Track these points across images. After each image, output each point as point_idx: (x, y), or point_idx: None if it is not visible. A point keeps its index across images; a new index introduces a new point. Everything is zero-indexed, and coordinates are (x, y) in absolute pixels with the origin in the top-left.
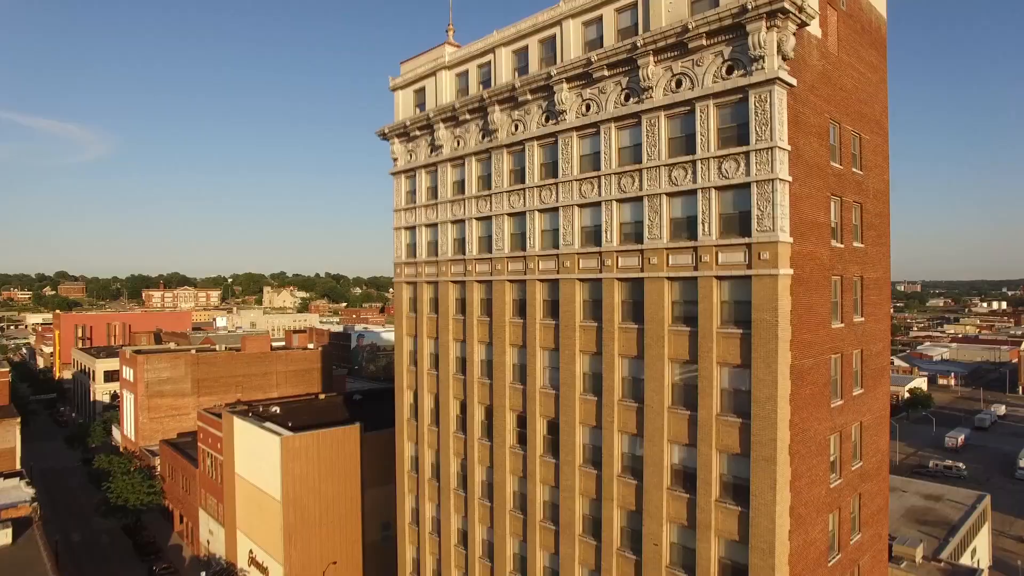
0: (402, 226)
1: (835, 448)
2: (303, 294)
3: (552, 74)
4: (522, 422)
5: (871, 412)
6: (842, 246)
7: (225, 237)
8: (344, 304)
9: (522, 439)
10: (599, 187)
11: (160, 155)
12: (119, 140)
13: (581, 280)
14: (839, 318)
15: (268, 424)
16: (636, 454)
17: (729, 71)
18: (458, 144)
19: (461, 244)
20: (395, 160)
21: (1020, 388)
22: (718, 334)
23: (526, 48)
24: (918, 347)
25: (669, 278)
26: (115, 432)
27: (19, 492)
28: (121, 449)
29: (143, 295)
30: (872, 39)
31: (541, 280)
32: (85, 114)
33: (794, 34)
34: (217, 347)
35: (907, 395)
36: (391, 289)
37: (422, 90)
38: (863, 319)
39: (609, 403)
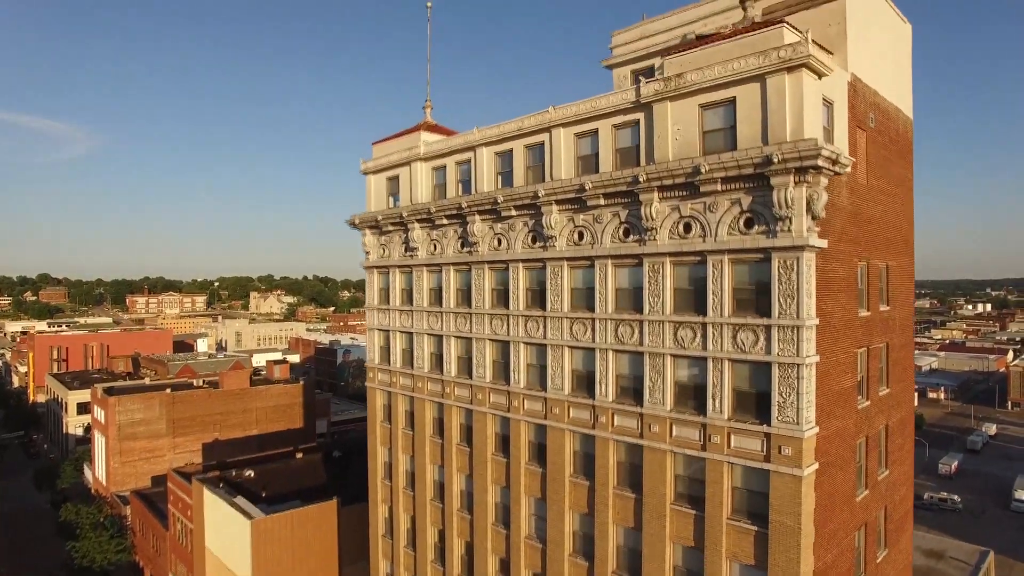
0: (375, 327)
1: None
2: (290, 299)
3: (540, 194)
4: (505, 567)
5: (895, 568)
6: (868, 403)
7: (213, 237)
8: (332, 308)
9: None
10: (592, 331)
11: (149, 154)
12: (107, 138)
13: (571, 430)
14: (863, 484)
15: (239, 500)
16: None
17: (748, 224)
18: (435, 248)
19: (439, 360)
20: (367, 253)
21: (1009, 403)
22: (728, 525)
23: (510, 151)
24: None
25: (673, 451)
26: (87, 471)
27: None
28: (92, 491)
29: (127, 301)
30: (900, 148)
31: (527, 420)
32: (73, 111)
33: (826, 188)
34: (195, 381)
35: None
36: None
37: (395, 178)
38: (888, 471)
39: (602, 574)
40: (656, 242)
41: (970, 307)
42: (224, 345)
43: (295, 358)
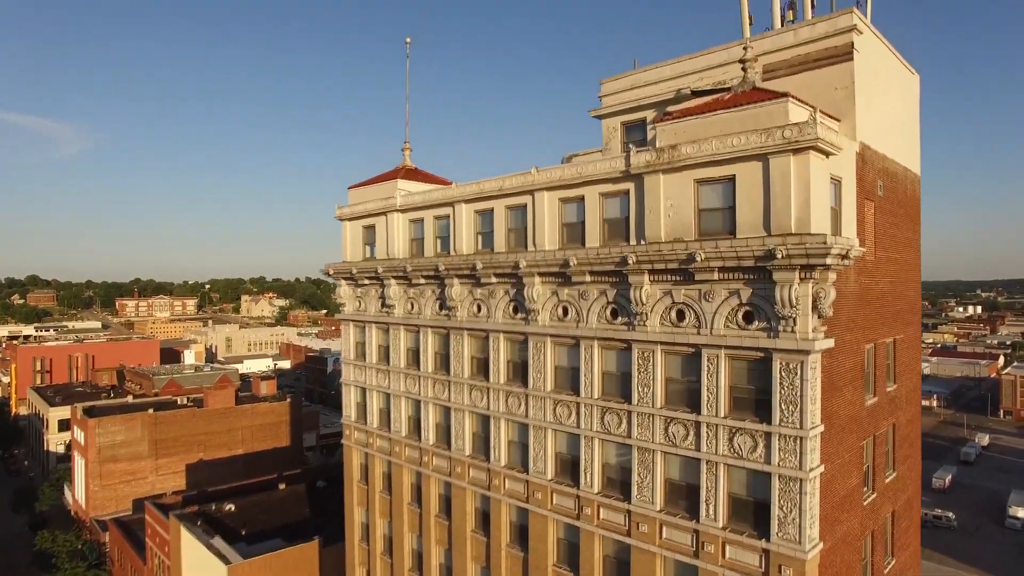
0: (351, 382)
1: None
2: (282, 302)
3: (521, 266)
4: None
5: None
6: (875, 495)
7: (205, 238)
8: (324, 312)
9: None
10: (577, 415)
11: (140, 154)
12: (99, 138)
13: (554, 517)
14: None
15: (216, 542)
16: None
17: (747, 318)
18: (412, 307)
19: (416, 425)
20: (342, 305)
21: (1001, 411)
22: None
23: (491, 211)
24: None
25: (663, 555)
26: (67, 493)
27: None
28: (72, 514)
29: (116, 304)
30: (908, 210)
31: (508, 501)
32: (65, 111)
33: (834, 284)
34: (179, 399)
35: None
36: None
37: (372, 228)
38: (894, 560)
39: None
40: (646, 328)
41: (961, 309)
42: (214, 350)
43: (285, 364)
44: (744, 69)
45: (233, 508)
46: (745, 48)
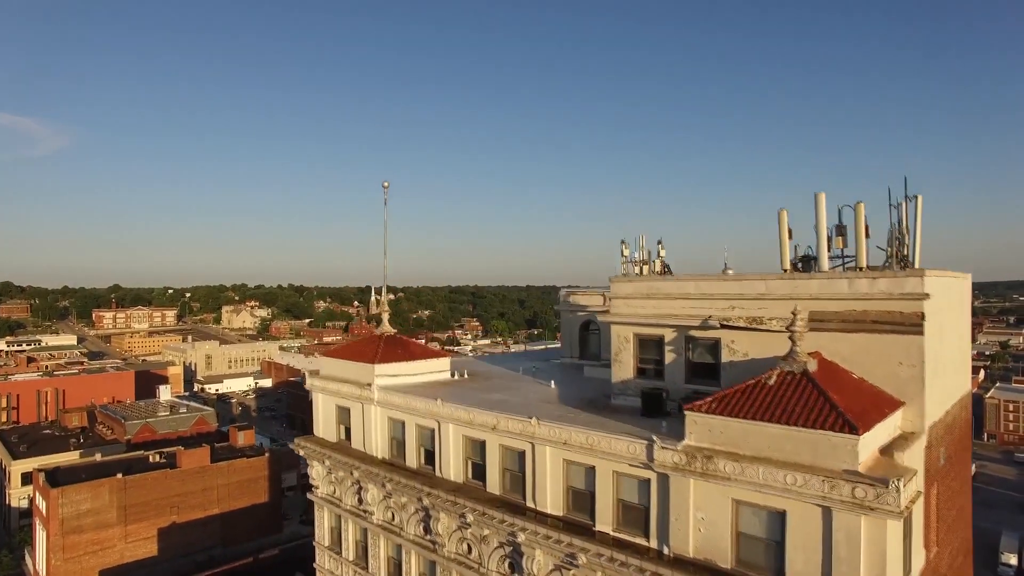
0: (327, 571)
1: None
2: (263, 312)
3: (519, 539)
4: None
5: None
6: None
7: (186, 242)
8: (307, 321)
9: None
10: None
11: (122, 154)
12: (78, 135)
13: None
14: None
15: None
16: None
17: None
18: (392, 518)
19: None
20: (315, 485)
21: (985, 434)
22: None
23: (483, 443)
24: None
25: None
26: (28, 559)
27: None
28: None
29: (93, 315)
30: (964, 441)
31: None
32: (39, 107)
33: None
34: (151, 456)
35: None
36: (356, 303)
37: (347, 410)
38: None
39: None
40: None
41: None
42: (194, 368)
43: (267, 382)
44: (792, 339)
45: None
46: (794, 314)
